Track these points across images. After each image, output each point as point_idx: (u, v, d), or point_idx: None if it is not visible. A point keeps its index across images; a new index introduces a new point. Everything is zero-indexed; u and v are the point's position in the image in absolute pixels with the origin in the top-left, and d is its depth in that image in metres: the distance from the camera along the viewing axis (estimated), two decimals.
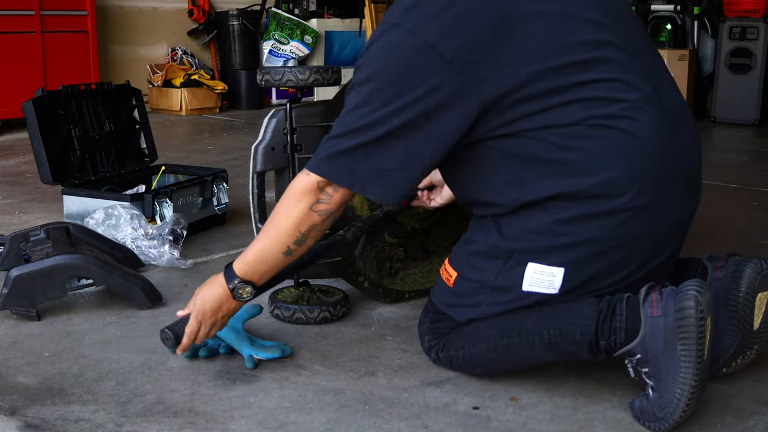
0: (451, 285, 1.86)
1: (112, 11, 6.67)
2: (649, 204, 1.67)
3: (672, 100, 1.76)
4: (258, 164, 2.18)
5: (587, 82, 1.66)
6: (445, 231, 2.58)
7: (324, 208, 1.74)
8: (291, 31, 7.19)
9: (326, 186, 1.73)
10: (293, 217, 1.75)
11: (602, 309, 1.68)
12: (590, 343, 1.68)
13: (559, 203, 1.69)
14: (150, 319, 2.26)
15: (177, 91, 6.64)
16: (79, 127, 3.25)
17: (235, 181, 3.70)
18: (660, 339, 1.60)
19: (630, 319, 1.65)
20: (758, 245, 3.04)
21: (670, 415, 1.61)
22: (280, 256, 1.81)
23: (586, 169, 1.66)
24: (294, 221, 1.75)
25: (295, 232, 1.76)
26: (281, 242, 1.78)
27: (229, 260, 1.91)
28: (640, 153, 1.66)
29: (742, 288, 1.76)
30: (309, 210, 1.74)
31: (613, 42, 1.70)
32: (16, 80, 5.50)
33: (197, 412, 1.74)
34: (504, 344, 1.78)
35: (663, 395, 1.62)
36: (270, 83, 2.24)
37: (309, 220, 1.75)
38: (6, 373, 1.91)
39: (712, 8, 6.91)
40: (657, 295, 1.63)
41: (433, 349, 1.92)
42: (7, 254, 2.56)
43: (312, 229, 1.77)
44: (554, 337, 1.72)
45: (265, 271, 1.84)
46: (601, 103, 1.66)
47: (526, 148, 1.68)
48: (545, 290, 1.72)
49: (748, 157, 5.21)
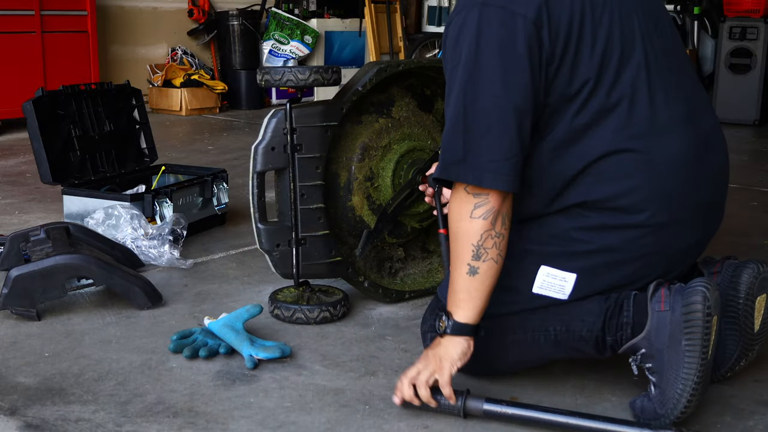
0: None
1: (112, 11, 6.67)
2: (666, 223, 1.68)
3: (705, 123, 1.76)
4: (258, 164, 2.18)
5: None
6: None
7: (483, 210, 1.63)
8: (291, 31, 7.19)
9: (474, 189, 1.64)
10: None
11: (609, 306, 1.69)
12: (597, 339, 1.69)
13: (582, 211, 1.70)
14: (150, 319, 2.26)
15: (177, 91, 6.64)
16: (79, 127, 3.25)
17: (235, 181, 3.70)
18: (666, 333, 1.60)
19: (637, 315, 1.65)
20: (758, 245, 3.04)
21: (670, 412, 1.60)
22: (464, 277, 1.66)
23: (612, 180, 1.66)
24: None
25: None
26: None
27: (229, 260, 1.91)
28: (662, 173, 1.66)
29: (741, 294, 1.75)
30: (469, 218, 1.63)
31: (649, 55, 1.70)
32: (16, 80, 5.49)
33: (197, 412, 1.74)
34: (508, 341, 1.78)
35: (665, 391, 1.61)
36: (270, 83, 2.24)
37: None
38: (6, 373, 1.91)
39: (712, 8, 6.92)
40: (665, 291, 1.64)
41: None
42: (7, 254, 2.56)
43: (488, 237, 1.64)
44: (560, 334, 1.72)
45: (475, 306, 1.68)
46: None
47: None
48: (555, 295, 1.72)
49: (748, 157, 5.21)
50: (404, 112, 2.44)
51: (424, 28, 8.55)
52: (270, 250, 2.22)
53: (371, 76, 2.27)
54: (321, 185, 2.24)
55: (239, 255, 2.85)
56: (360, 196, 2.33)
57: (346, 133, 2.32)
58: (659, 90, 1.69)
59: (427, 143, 2.42)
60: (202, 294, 2.47)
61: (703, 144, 1.73)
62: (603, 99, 1.65)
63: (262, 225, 2.21)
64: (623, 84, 1.66)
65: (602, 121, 1.66)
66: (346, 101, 2.25)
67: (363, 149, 2.32)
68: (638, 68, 1.67)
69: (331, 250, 2.27)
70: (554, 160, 1.69)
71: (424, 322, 1.97)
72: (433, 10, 8.48)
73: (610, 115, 1.66)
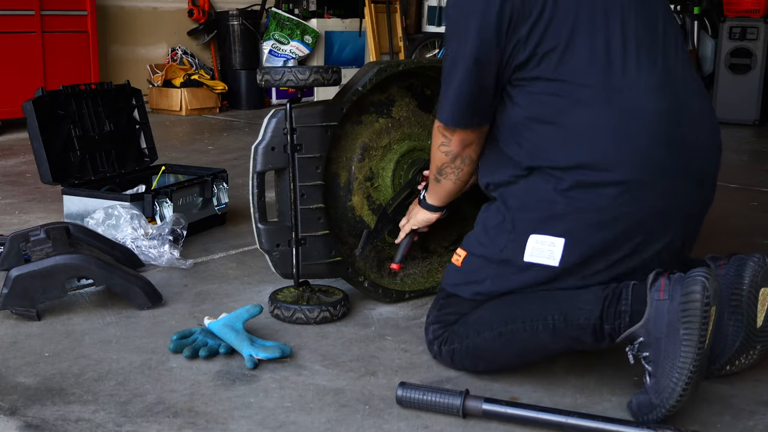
0: (459, 265, 1.93)
1: (112, 11, 6.67)
2: (642, 181, 1.72)
3: (690, 101, 1.81)
4: (258, 164, 2.18)
5: None
6: (445, 231, 2.58)
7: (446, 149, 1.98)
8: (291, 31, 7.19)
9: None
10: None
11: (608, 294, 1.70)
12: (594, 327, 1.70)
13: (554, 172, 1.76)
14: (150, 319, 2.26)
15: (177, 91, 6.64)
16: (79, 127, 3.25)
17: (235, 181, 3.70)
18: (664, 322, 1.61)
19: (636, 303, 1.67)
20: (758, 245, 3.04)
21: (665, 401, 1.61)
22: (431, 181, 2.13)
23: (578, 138, 1.75)
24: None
25: None
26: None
27: (229, 260, 1.92)
28: (631, 132, 1.73)
29: (745, 282, 1.78)
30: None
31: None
32: (16, 80, 5.49)
33: (197, 412, 1.74)
34: (508, 331, 1.79)
35: (660, 380, 1.62)
36: (270, 83, 2.24)
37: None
38: (6, 373, 1.91)
39: (712, 8, 6.91)
40: (665, 280, 1.65)
41: (436, 341, 1.93)
42: (7, 254, 2.56)
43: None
44: (558, 323, 1.73)
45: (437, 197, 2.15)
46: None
47: (540, 103, 1.79)
48: (546, 261, 1.77)
49: (748, 157, 5.21)
50: (404, 112, 2.44)
51: (424, 28, 8.55)
52: (270, 250, 2.22)
53: (371, 76, 2.27)
54: (321, 185, 2.24)
55: (239, 255, 2.85)
56: (360, 196, 2.33)
57: (346, 133, 2.32)
58: (631, 54, 1.76)
59: (427, 143, 2.41)
60: (202, 294, 2.47)
61: (684, 116, 1.77)
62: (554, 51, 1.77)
63: (262, 225, 2.21)
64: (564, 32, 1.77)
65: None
66: (346, 101, 2.25)
67: (363, 149, 2.32)
68: (609, 33, 1.77)
69: (331, 250, 2.27)
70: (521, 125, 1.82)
71: (428, 316, 2.01)
72: (433, 10, 8.48)
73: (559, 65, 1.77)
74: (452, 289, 1.94)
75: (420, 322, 2.25)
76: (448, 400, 1.70)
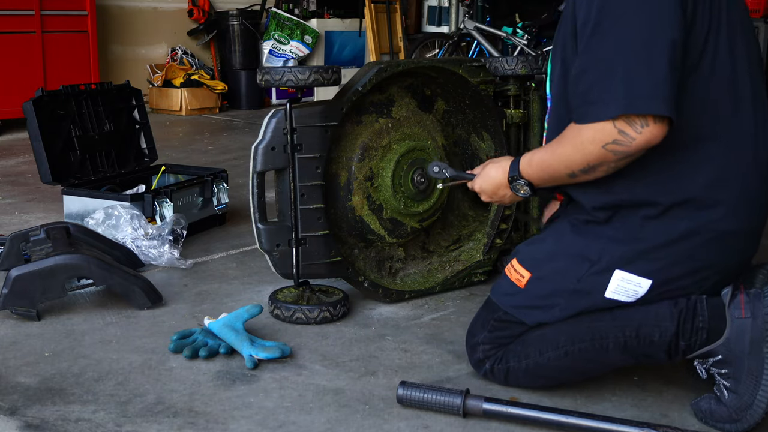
0: (522, 287, 1.79)
1: (112, 11, 6.67)
2: (751, 231, 1.69)
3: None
4: (258, 164, 2.18)
5: None
6: (445, 231, 2.58)
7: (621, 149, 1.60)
8: (291, 31, 7.19)
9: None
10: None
11: (682, 310, 1.66)
12: (670, 344, 1.66)
13: (676, 211, 1.66)
14: (150, 319, 2.26)
15: (177, 91, 6.64)
16: (79, 127, 3.25)
17: (235, 181, 3.70)
18: (746, 340, 1.60)
19: (713, 320, 1.64)
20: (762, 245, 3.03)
21: (750, 417, 1.60)
22: (563, 176, 1.70)
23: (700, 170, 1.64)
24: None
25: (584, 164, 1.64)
26: (568, 167, 1.67)
27: (229, 260, 1.91)
28: (748, 173, 1.66)
29: None
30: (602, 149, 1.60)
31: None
32: (16, 80, 5.50)
33: (197, 412, 1.74)
34: (576, 350, 1.74)
35: (742, 397, 1.61)
36: (270, 83, 2.24)
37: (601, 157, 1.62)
38: (6, 373, 1.91)
39: None
40: (744, 297, 1.63)
41: (488, 359, 1.85)
42: (7, 254, 2.56)
43: (602, 164, 1.62)
44: (630, 340, 1.69)
45: (544, 180, 1.77)
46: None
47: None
48: (625, 299, 1.69)
49: None
50: (404, 112, 2.44)
51: (424, 28, 8.56)
52: (270, 250, 2.22)
53: (371, 76, 2.27)
54: (321, 185, 2.24)
55: (239, 255, 2.85)
56: (360, 196, 2.33)
57: (346, 133, 2.32)
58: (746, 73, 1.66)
59: (427, 143, 2.42)
60: (202, 294, 2.47)
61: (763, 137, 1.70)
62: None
63: (262, 225, 2.21)
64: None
65: None
66: (346, 101, 2.25)
67: (363, 149, 2.32)
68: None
69: (331, 250, 2.27)
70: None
71: (473, 335, 1.89)
72: (433, 10, 8.49)
73: None
74: (513, 311, 1.81)
75: (420, 322, 2.25)
76: (448, 399, 1.70)
